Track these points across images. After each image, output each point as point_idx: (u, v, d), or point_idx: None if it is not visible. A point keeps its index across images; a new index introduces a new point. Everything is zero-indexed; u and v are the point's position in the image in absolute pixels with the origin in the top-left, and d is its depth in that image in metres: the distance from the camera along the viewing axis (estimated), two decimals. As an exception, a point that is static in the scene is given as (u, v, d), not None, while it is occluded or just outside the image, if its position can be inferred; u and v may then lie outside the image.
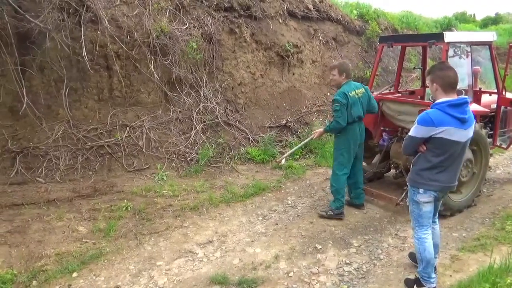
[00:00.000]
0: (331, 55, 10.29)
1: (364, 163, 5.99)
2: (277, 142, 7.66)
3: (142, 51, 7.13)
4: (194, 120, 7.27)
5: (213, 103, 7.65)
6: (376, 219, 4.95)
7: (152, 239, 4.59)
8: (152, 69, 7.10)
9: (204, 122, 7.34)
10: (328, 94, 9.61)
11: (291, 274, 3.83)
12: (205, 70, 8.01)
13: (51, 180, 5.70)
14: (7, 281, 3.65)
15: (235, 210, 5.33)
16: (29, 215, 4.77)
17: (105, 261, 4.15)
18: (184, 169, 6.45)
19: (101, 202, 5.21)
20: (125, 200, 5.26)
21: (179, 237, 4.64)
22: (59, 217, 4.78)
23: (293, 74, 9.39)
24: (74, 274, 3.91)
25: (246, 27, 8.80)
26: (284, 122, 8.13)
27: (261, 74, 8.83)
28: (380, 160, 5.74)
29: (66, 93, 6.54)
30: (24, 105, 6.13)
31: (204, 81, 7.82)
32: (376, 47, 11.44)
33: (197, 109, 7.44)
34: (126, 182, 5.81)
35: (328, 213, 4.96)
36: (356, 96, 4.77)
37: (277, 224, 4.92)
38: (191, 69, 7.78)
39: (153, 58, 7.16)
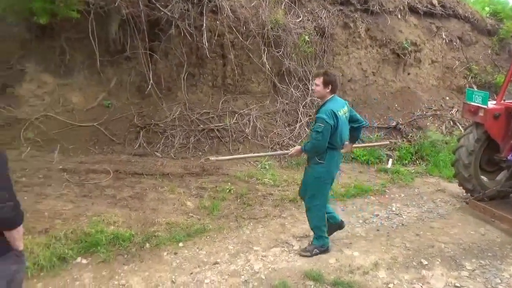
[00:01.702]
0: (455, 55, 9.37)
1: (485, 178, 5.36)
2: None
3: (256, 42, 7.33)
4: (299, 113, 7.28)
5: (320, 98, 7.54)
6: (497, 244, 4.38)
7: (251, 224, 4.72)
8: (264, 59, 7.27)
9: (310, 116, 7.29)
10: (447, 98, 8.79)
11: (390, 285, 3.60)
12: (315, 64, 7.93)
13: (166, 155, 6.24)
14: (126, 239, 4.09)
15: (334, 208, 5.15)
16: (146, 184, 5.29)
17: (208, 237, 4.40)
18: (286, 160, 6.51)
19: (208, 182, 5.52)
20: (229, 183, 5.49)
21: (276, 226, 4.69)
22: (171, 190, 5.20)
23: (409, 74, 8.78)
24: (180, 244, 4.22)
25: (362, 22, 8.47)
26: (394, 123, 7.67)
27: (373, 72, 8.45)
28: (507, 177, 5.06)
29: (185, 77, 7.08)
30: (149, 86, 6.82)
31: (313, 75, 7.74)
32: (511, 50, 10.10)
33: (304, 102, 7.43)
34: (231, 166, 6.07)
35: (314, 251, 4.10)
36: (344, 116, 3.85)
37: (378, 230, 4.67)
38: (301, 62, 7.78)
39: (266, 49, 7.33)
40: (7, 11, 6.31)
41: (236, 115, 7.00)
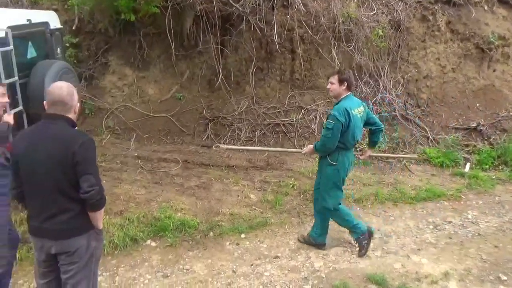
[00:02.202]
0: (551, 50, 8.35)
1: None
2: (462, 146, 6.72)
3: (326, 36, 7.18)
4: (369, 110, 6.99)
5: (392, 94, 7.20)
6: None
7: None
8: (334, 54, 7.09)
9: (380, 113, 6.98)
10: (541, 98, 7.88)
11: (462, 297, 3.35)
12: (387, 59, 7.57)
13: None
14: (191, 227, 4.29)
15: (402, 211, 4.95)
16: (212, 175, 5.47)
17: (269, 230, 4.44)
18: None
19: (271, 176, 5.56)
20: (293, 179, 5.48)
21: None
22: (236, 182, 5.33)
23: (494, 70, 8.02)
24: (242, 235, 4.31)
25: (442, 14, 7.89)
26: (474, 124, 7.06)
27: (452, 68, 7.85)
28: None
29: (253, 72, 7.16)
30: (219, 80, 7.01)
31: (385, 71, 7.41)
32: None
33: (374, 99, 7.13)
34: (295, 162, 6.04)
35: (363, 243, 3.97)
36: (359, 115, 3.70)
37: (450, 238, 4.36)
38: (373, 57, 7.48)
39: (336, 44, 7.15)
40: (95, 9, 6.87)
41: (303, 110, 6.93)
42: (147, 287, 3.48)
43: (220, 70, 7.05)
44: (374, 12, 7.60)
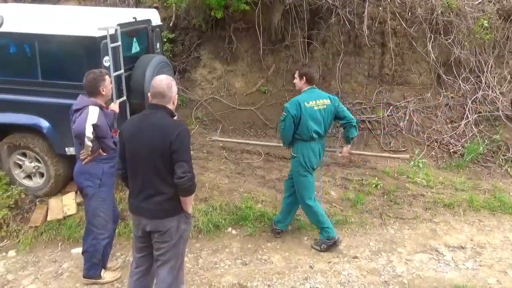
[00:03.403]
0: None
1: None
2: None
3: (421, 29, 6.73)
4: (467, 109, 6.42)
5: (496, 92, 6.50)
6: None
7: (397, 224, 4.47)
8: (429, 48, 6.62)
9: (480, 113, 6.37)
10: None
11: None
12: (493, 53, 6.85)
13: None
14: (271, 218, 4.38)
15: (501, 222, 4.49)
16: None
17: (349, 229, 4.36)
18: (444, 160, 5.87)
19: (354, 174, 5.42)
20: (376, 178, 5.27)
21: (426, 231, 4.33)
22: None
23: None
24: (320, 232, 4.28)
25: None
26: None
27: None
28: None
29: (340, 66, 7.00)
30: (304, 75, 6.98)
31: (489, 66, 6.71)
32: None
33: (474, 97, 6.51)
34: (379, 161, 5.80)
35: (322, 246, 3.96)
36: (315, 108, 3.73)
37: (561, 255, 3.85)
38: (475, 51, 6.82)
39: (432, 37, 6.66)
40: (190, 6, 7.31)
41: (391, 107, 6.60)
42: (227, 272, 3.66)
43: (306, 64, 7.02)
44: (479, 1, 6.92)
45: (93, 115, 3.11)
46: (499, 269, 3.65)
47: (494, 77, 6.67)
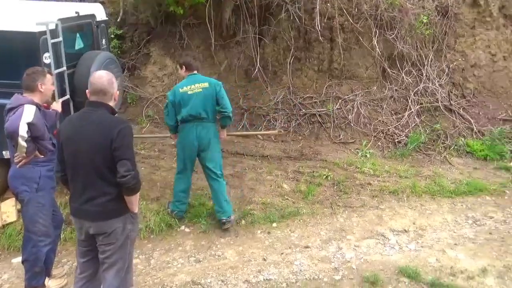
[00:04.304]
0: None
1: None
2: (509, 139, 6.35)
3: (367, 24, 6.99)
4: (410, 101, 6.77)
5: (435, 84, 6.91)
6: None
7: (346, 212, 4.64)
8: (375, 43, 6.89)
9: (421, 104, 6.74)
10: None
11: (500, 296, 3.23)
12: (432, 47, 7.26)
13: (267, 138, 6.43)
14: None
15: (440, 205, 4.79)
16: (246, 165, 5.56)
17: (301, 220, 4.47)
18: (389, 150, 6.17)
19: (305, 166, 5.56)
20: (326, 169, 5.44)
21: (373, 217, 4.53)
22: (269, 172, 5.38)
23: (553, 58, 7.45)
24: (274, 224, 4.38)
25: (496, -1, 7.41)
26: (524, 116, 6.64)
27: (504, 56, 7.38)
28: None
29: (291, 61, 7.12)
30: (256, 70, 7.04)
31: (429, 60, 7.11)
32: None
33: (416, 89, 6.88)
34: (330, 152, 5.99)
35: (167, 210, 4.39)
36: (189, 92, 3.97)
37: (491, 233, 4.18)
38: (417, 46, 7.19)
39: (377, 32, 6.93)
40: (139, 1, 7.11)
41: (340, 100, 6.82)
42: (180, 270, 3.64)
43: (258, 60, 7.07)
44: (420, -3, 7.29)
45: (28, 113, 2.93)
46: (438, 248, 3.91)
47: (434, 70, 7.08)
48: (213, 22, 6.79)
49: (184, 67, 4.15)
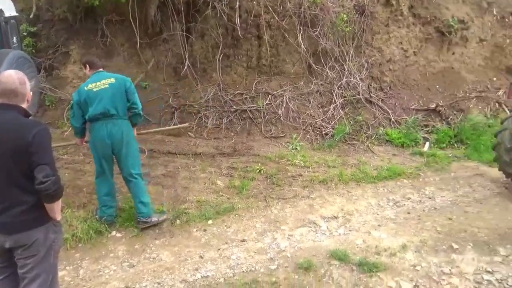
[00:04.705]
0: (506, 33, 8.70)
1: None
2: (422, 126, 7.00)
3: (292, 22, 7.23)
4: (334, 95, 7.14)
5: (356, 78, 7.36)
6: (537, 231, 4.16)
7: (280, 204, 4.78)
8: (300, 40, 7.15)
9: (345, 97, 7.14)
10: (494, 79, 8.24)
11: (418, 267, 3.54)
12: (352, 43, 7.71)
13: (199, 136, 6.40)
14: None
15: (365, 190, 5.14)
16: (179, 164, 5.48)
17: (236, 215, 4.52)
18: (318, 142, 6.46)
19: (238, 162, 5.62)
20: (259, 164, 5.56)
21: (305, 207, 4.72)
22: (203, 170, 5.36)
23: (453, 53, 8.30)
24: (210, 221, 4.37)
25: (405, -1, 8.07)
26: (434, 106, 7.34)
27: (414, 52, 8.08)
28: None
29: (220, 58, 7.13)
30: (185, 67, 6.95)
31: (350, 55, 7.55)
32: None
33: (339, 83, 7.27)
34: (262, 147, 6.12)
35: (95, 216, 4.21)
36: (94, 89, 3.89)
37: (409, 213, 4.57)
38: (338, 42, 7.59)
39: (301, 29, 7.20)
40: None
41: (270, 96, 6.99)
42: (112, 277, 3.49)
43: (186, 58, 6.99)
44: (340, -4, 7.69)
45: None
46: (364, 230, 4.19)
47: (355, 65, 7.53)
48: (137, 19, 6.56)
49: (88, 65, 4.06)
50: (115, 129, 3.97)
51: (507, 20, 8.80)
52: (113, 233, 4.13)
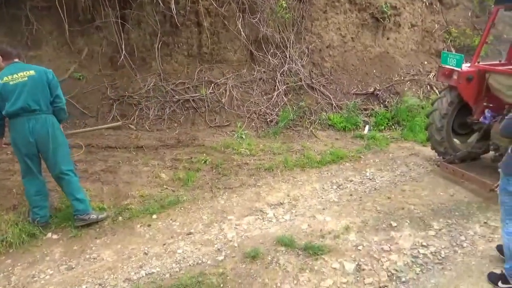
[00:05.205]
0: (434, 19, 9.25)
1: (457, 141, 5.43)
2: (361, 110, 7.26)
3: (231, 8, 7.11)
4: (277, 81, 7.18)
5: (298, 65, 7.44)
6: (464, 203, 4.49)
7: (226, 194, 4.74)
8: (240, 27, 7.06)
9: (287, 84, 7.20)
10: (425, 62, 8.75)
11: (360, 247, 3.68)
12: (293, 30, 7.76)
13: (141, 128, 6.15)
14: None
15: (309, 175, 5.24)
16: (120, 158, 5.23)
17: (182, 208, 4.41)
18: (263, 129, 6.48)
19: (183, 153, 5.48)
20: (204, 154, 5.47)
21: (251, 195, 4.72)
22: (145, 163, 5.16)
23: (388, 38, 8.67)
24: (154, 216, 4.23)
25: (341, -15, 8.24)
26: (372, 90, 7.64)
27: (352, 37, 8.32)
28: (478, 139, 5.12)
29: (159, 47, 6.86)
30: (122, 57, 6.60)
31: (291, 42, 7.60)
32: (491, 12, 9.99)
33: (282, 70, 7.31)
34: (207, 137, 6.01)
35: (28, 219, 3.93)
36: (11, 83, 3.60)
37: (351, 195, 4.74)
38: (279, 29, 7.60)
39: (241, 16, 7.11)
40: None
41: (212, 84, 6.87)
42: (48, 282, 3.26)
43: (123, 46, 6.64)
44: (278, -18, 7.67)
45: None
46: (309, 215, 4.28)
47: (296, 51, 7.60)
48: (64, 5, 6.09)
49: (1, 56, 3.72)
50: (39, 125, 3.69)
51: (434, 6, 9.35)
52: (49, 235, 3.86)
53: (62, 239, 3.81)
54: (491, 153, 5.11)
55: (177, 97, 6.58)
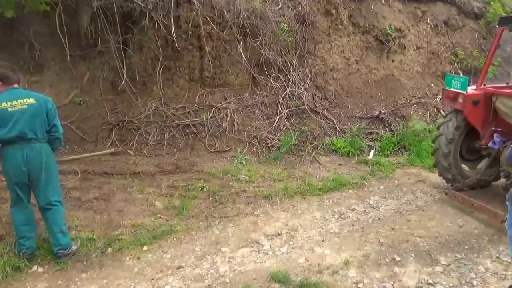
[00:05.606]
0: (440, 41, 9.12)
1: (466, 167, 5.19)
2: (366, 134, 7.07)
3: (232, 32, 7.09)
4: (279, 105, 7.06)
5: (301, 88, 7.33)
6: (474, 236, 4.21)
7: (222, 223, 4.55)
8: (241, 50, 7.02)
9: (290, 108, 7.08)
10: (432, 85, 8.57)
11: (360, 285, 3.44)
12: (295, 53, 7.69)
13: (139, 153, 6.05)
14: (85, 245, 3.92)
15: (310, 203, 5.03)
16: (115, 185, 5.10)
17: (174, 239, 4.23)
18: (264, 154, 6.32)
19: (180, 180, 5.33)
20: (202, 181, 5.31)
21: (248, 225, 4.52)
22: (140, 190, 5.02)
23: (393, 61, 8.55)
24: (145, 248, 4.05)
25: (344, 8, 8.21)
26: (376, 113, 7.46)
27: (356, 60, 8.22)
28: (487, 165, 4.87)
29: (160, 71, 6.84)
30: (123, 81, 6.59)
31: (294, 65, 7.52)
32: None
33: (284, 94, 7.21)
34: (206, 163, 5.87)
35: (15, 250, 3.77)
36: (9, 109, 3.51)
37: (353, 225, 4.50)
38: (281, 52, 7.54)
39: (242, 40, 7.08)
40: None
41: (213, 109, 6.78)
42: (27, 321, 3.09)
43: (124, 71, 6.65)
44: (280, 6, 7.66)
45: None
46: (308, 247, 4.05)
47: (299, 74, 7.51)
48: (66, 31, 6.13)
49: (0, 81, 3.62)
50: (33, 154, 3.59)
51: (440, 28, 9.23)
52: (34, 267, 3.69)
53: (47, 273, 3.63)
54: (502, 180, 4.86)
55: (177, 121, 6.49)
